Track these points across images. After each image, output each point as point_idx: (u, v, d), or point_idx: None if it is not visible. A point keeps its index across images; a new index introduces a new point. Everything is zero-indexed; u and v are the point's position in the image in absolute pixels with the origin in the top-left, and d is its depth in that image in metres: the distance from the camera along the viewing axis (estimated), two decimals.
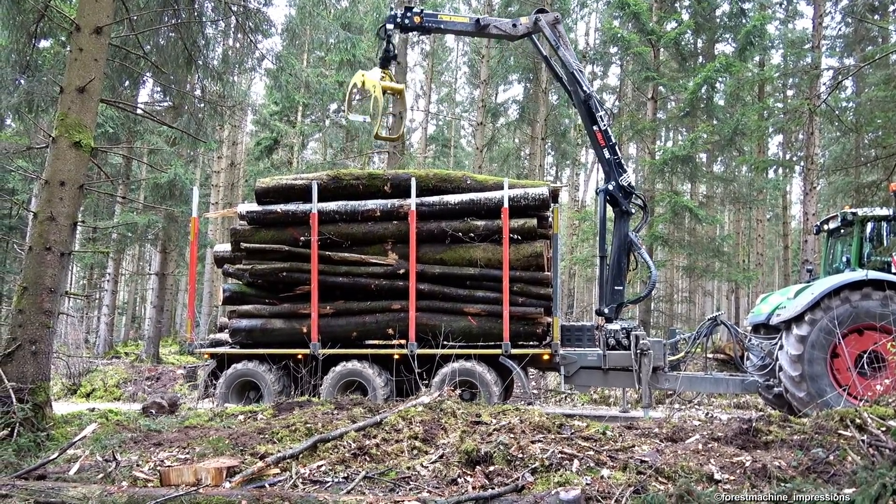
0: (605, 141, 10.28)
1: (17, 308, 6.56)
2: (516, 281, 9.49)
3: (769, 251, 36.76)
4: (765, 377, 9.37)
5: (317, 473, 4.69)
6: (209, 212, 22.13)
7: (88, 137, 6.94)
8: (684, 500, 3.84)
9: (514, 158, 30.10)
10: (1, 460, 4.88)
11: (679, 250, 22.62)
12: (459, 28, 10.61)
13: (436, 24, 10.48)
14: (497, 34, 10.56)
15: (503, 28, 10.35)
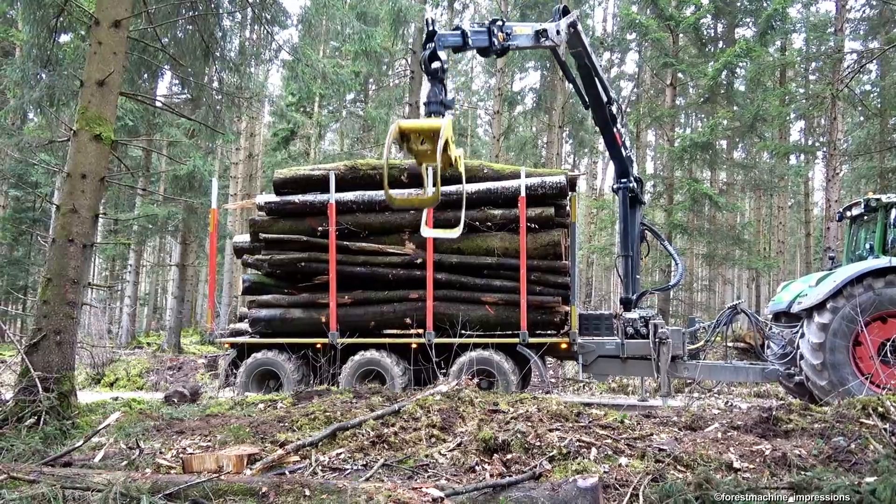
0: (621, 139, 10.29)
1: (41, 299, 6.66)
2: (534, 270, 9.47)
3: (790, 239, 36.31)
4: (785, 366, 9.28)
5: (336, 461, 4.74)
6: (228, 203, 22.32)
7: (109, 130, 7.02)
8: (703, 488, 3.83)
9: (532, 147, 29.93)
10: (28, 448, 4.98)
11: (699, 238, 22.42)
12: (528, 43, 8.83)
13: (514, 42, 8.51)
14: (548, 45, 8.96)
15: (554, 40, 8.83)
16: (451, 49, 7.87)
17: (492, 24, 8.01)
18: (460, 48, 7.75)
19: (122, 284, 29.43)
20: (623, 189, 10.58)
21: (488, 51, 8.15)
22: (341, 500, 3.16)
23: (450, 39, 7.46)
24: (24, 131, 19.32)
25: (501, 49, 8.19)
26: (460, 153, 5.90)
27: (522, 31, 8.49)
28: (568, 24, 8.97)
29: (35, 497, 2.42)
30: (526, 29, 8.57)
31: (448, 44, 7.42)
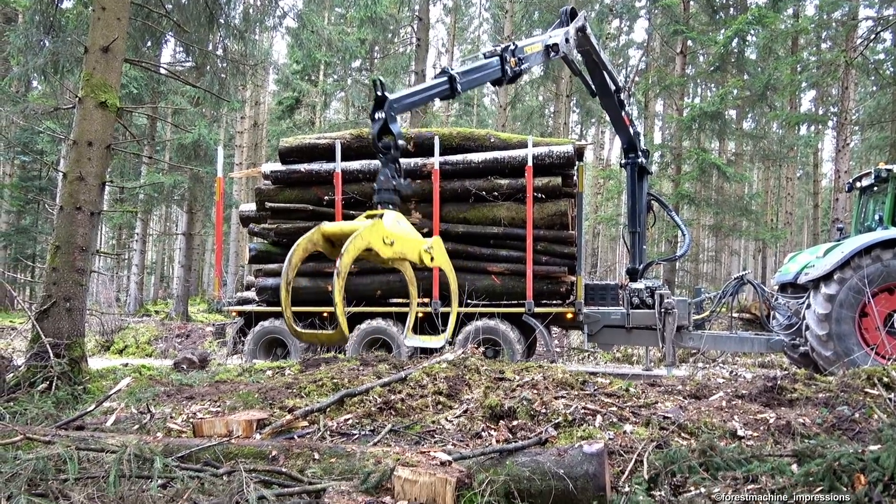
0: (629, 119, 10.25)
1: (50, 266, 6.71)
2: (540, 240, 9.46)
3: (798, 210, 36.08)
4: (791, 336, 9.31)
5: (344, 426, 4.80)
6: (234, 172, 22.28)
7: (114, 97, 6.98)
8: (707, 455, 3.86)
9: (538, 117, 29.68)
10: (41, 412, 5.06)
11: (706, 209, 22.30)
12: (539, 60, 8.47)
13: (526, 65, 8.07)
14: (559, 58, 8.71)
15: (564, 50, 8.55)
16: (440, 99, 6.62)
17: (504, 52, 7.21)
18: (448, 96, 6.46)
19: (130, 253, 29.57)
20: (631, 164, 10.60)
21: (501, 81, 7.38)
22: (350, 463, 3.20)
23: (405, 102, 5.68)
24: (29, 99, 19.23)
25: (513, 76, 7.41)
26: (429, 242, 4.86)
27: (532, 49, 7.89)
28: (576, 29, 8.74)
29: (51, 458, 2.47)
30: (536, 46, 8.00)
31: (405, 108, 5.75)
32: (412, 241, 4.69)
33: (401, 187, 5.07)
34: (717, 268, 32.24)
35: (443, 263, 5.06)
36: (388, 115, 5.16)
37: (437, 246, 4.85)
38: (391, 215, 4.64)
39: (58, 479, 2.44)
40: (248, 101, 27.24)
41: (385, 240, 4.34)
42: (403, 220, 4.81)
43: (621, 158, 11.15)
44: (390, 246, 4.39)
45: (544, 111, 30.94)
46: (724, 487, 3.52)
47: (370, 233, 4.22)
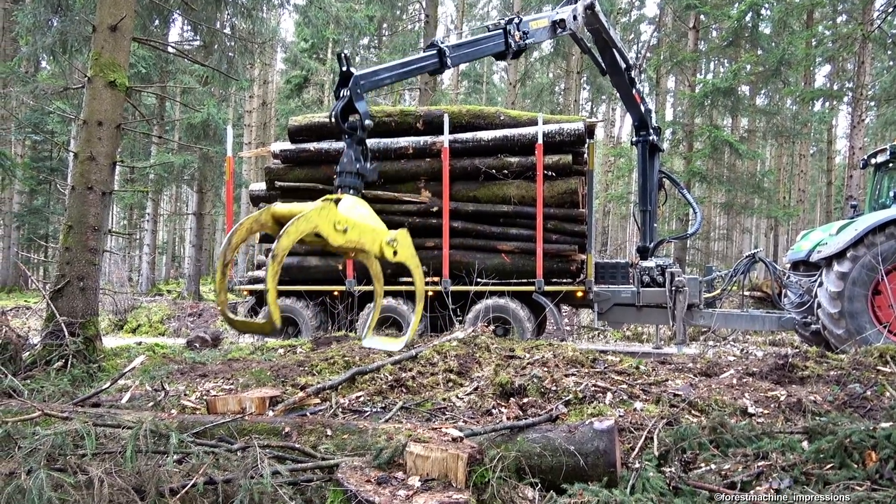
0: (640, 97, 10.11)
1: (63, 246, 6.76)
2: (550, 218, 9.43)
3: (811, 188, 35.73)
4: (802, 314, 9.27)
5: (355, 403, 4.85)
6: (243, 151, 22.27)
7: (123, 76, 6.97)
8: (717, 432, 3.87)
9: (549, 94, 29.43)
10: (57, 389, 5.13)
11: (718, 186, 22.12)
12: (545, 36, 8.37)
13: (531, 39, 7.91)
14: (566, 34, 8.65)
15: (572, 27, 8.46)
16: (428, 73, 6.34)
17: (508, 24, 7.04)
18: (437, 70, 6.25)
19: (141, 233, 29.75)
20: (642, 142, 10.50)
21: (504, 55, 7.20)
22: (362, 439, 3.23)
23: (375, 78, 5.28)
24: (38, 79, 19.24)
25: (518, 50, 7.27)
26: (394, 234, 4.38)
27: (539, 24, 7.69)
28: (585, 6, 8.52)
29: (69, 433, 2.51)
30: (542, 22, 7.81)
31: (374, 85, 5.36)
32: (372, 230, 4.24)
33: (365, 171, 4.65)
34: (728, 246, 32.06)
35: (408, 259, 4.54)
36: (354, 91, 4.83)
37: (402, 239, 4.40)
38: (349, 200, 4.27)
39: (76, 454, 2.49)
40: (256, 80, 27.17)
41: (337, 225, 3.92)
42: (365, 206, 4.37)
43: (632, 136, 11.03)
44: (343, 233, 3.96)
45: (554, 88, 30.65)
46: (735, 464, 3.53)
47: (318, 215, 3.80)
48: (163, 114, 22.43)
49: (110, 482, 2.26)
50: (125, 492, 2.29)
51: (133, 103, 8.73)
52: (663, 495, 3.20)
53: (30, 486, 2.04)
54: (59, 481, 2.18)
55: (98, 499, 2.20)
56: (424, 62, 6.03)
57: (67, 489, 2.19)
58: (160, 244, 35.64)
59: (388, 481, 2.61)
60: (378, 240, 4.25)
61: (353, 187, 4.55)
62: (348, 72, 4.81)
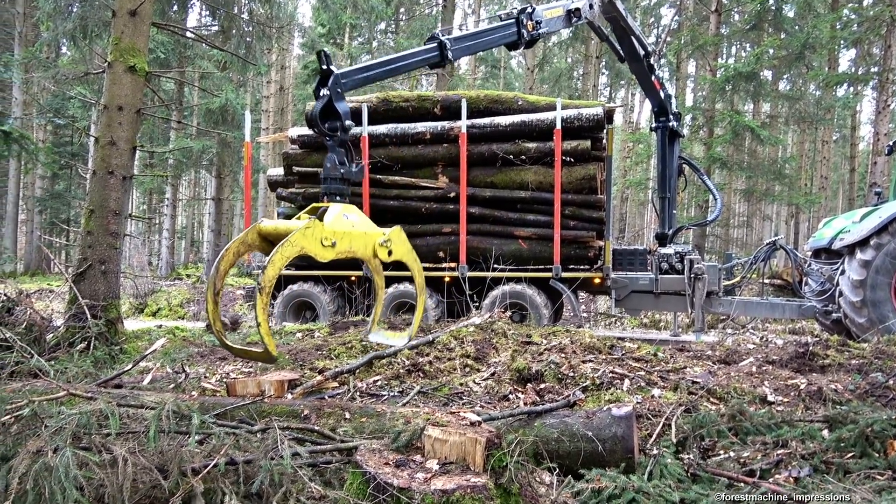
0: (660, 84, 9.96)
1: (85, 230, 6.85)
2: (568, 204, 9.37)
3: (833, 174, 35.16)
4: (823, 303, 9.16)
5: (373, 387, 4.88)
6: (261, 137, 22.35)
7: (143, 61, 7.01)
8: (736, 419, 3.85)
9: (567, 79, 29.14)
10: (80, 370, 5.22)
11: (738, 172, 21.85)
12: (560, 26, 8.29)
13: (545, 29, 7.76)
14: (582, 24, 8.62)
15: (588, 16, 8.41)
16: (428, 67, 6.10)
17: (520, 14, 6.91)
18: (437, 64, 6.04)
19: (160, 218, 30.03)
20: (661, 128, 10.38)
21: (516, 45, 7.09)
22: (380, 423, 3.26)
23: (360, 76, 4.96)
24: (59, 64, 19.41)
25: (530, 40, 7.17)
26: (387, 234, 4.32)
27: (553, 14, 7.51)
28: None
29: (93, 413, 2.55)
30: (557, 11, 7.64)
31: (357, 84, 5.05)
32: (362, 236, 4.19)
33: (349, 175, 4.49)
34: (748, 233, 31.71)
35: (404, 256, 4.51)
36: (334, 91, 4.59)
37: (396, 238, 4.36)
38: (335, 209, 4.16)
39: (100, 433, 2.53)
40: (273, 66, 27.18)
41: (324, 241, 3.87)
42: (354, 211, 4.29)
43: (651, 122, 10.91)
44: (331, 247, 3.92)
45: (573, 73, 30.34)
46: (754, 452, 3.51)
47: (303, 238, 3.75)
48: (181, 99, 22.54)
49: (134, 461, 2.30)
50: (148, 471, 2.33)
51: (152, 88, 8.78)
52: (681, 482, 3.19)
53: (56, 463, 2.08)
54: (84, 459, 2.22)
55: (122, 477, 2.24)
56: (422, 56, 5.83)
57: (92, 467, 2.23)
58: (179, 229, 35.98)
59: (406, 464, 2.63)
60: (370, 244, 4.22)
61: (339, 193, 4.43)
62: (328, 70, 4.60)
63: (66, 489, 2.04)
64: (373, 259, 4.31)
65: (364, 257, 4.24)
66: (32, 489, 2.03)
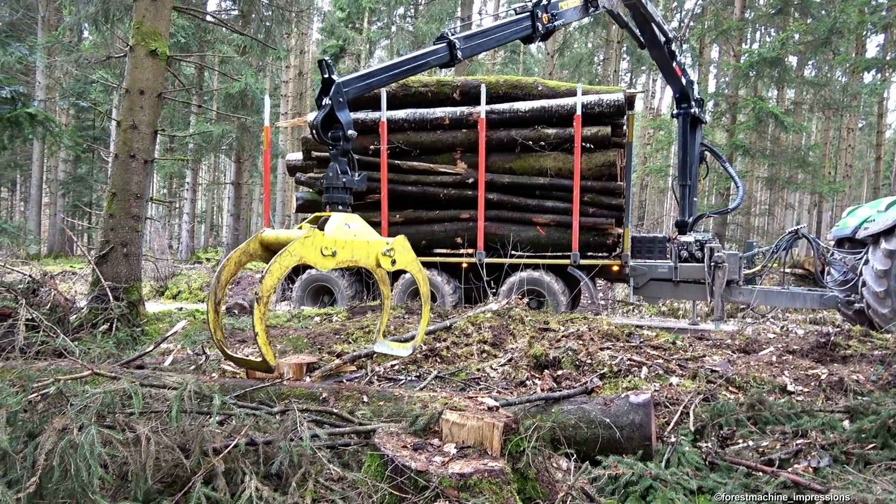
0: (681, 70, 9.80)
1: (108, 213, 6.93)
2: (587, 191, 9.31)
3: (858, 163, 34.54)
4: (846, 292, 9.04)
5: (390, 372, 4.91)
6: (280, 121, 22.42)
7: (164, 45, 7.05)
8: (755, 409, 3.83)
9: (587, 64, 28.80)
10: (103, 351, 5.31)
11: (761, 160, 21.53)
12: (576, 17, 8.10)
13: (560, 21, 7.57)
14: (600, 13, 8.46)
15: (605, 5, 8.24)
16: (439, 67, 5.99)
17: (535, 7, 6.78)
18: (447, 64, 5.94)
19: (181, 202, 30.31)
20: (683, 114, 10.24)
21: (531, 39, 6.96)
22: (398, 406, 3.28)
23: (362, 83, 4.95)
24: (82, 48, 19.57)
25: (546, 33, 7.01)
26: (390, 243, 4.23)
27: (569, 4, 7.35)
28: None
29: (117, 392, 2.59)
30: (573, 1, 7.46)
31: (361, 91, 5.01)
32: (365, 245, 4.13)
33: (351, 184, 4.42)
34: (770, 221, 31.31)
35: (408, 265, 4.38)
36: (336, 100, 4.54)
37: (399, 246, 4.27)
38: (337, 219, 4.10)
39: (124, 412, 2.57)
40: (292, 50, 27.18)
41: (324, 251, 3.83)
42: (356, 220, 4.23)
43: (673, 108, 10.77)
44: (332, 257, 3.88)
45: (593, 58, 29.98)
46: (773, 441, 3.49)
47: (301, 248, 3.73)
48: (202, 83, 22.65)
49: (157, 440, 2.34)
50: (171, 449, 2.37)
51: (173, 72, 8.82)
52: (699, 470, 3.18)
53: (81, 441, 2.12)
54: (108, 438, 2.26)
55: (145, 455, 2.28)
56: (431, 57, 5.75)
57: (116, 445, 2.27)
58: (199, 213, 36.30)
59: (423, 447, 2.64)
60: (373, 253, 4.16)
61: (341, 203, 4.38)
62: (329, 79, 4.56)
63: (90, 466, 2.08)
64: (376, 269, 4.27)
65: (367, 267, 4.20)
66: (59, 465, 2.08)
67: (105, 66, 16.98)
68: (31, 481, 2.05)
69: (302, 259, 3.74)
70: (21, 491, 2.01)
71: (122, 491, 2.28)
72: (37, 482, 2.06)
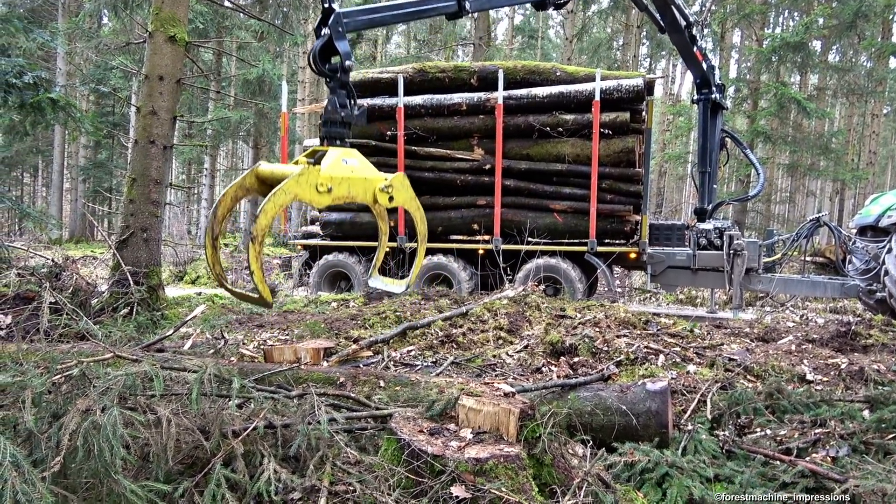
0: (703, 56, 9.63)
1: (128, 198, 7.01)
2: (605, 177, 9.24)
3: (883, 150, 33.88)
4: (867, 281, 8.91)
5: (406, 357, 4.93)
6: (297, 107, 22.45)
7: (182, 31, 7.07)
8: (773, 397, 3.80)
9: (606, 49, 28.48)
10: (124, 334, 5.38)
11: (782, 146, 21.21)
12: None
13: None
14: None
15: None
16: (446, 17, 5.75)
17: None
18: (454, 14, 5.68)
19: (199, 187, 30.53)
20: (703, 100, 10.06)
21: (543, 5, 6.71)
22: (414, 391, 3.30)
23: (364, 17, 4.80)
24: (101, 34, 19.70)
25: (557, 2, 6.72)
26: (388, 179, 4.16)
27: None
28: None
29: (138, 375, 2.63)
30: None
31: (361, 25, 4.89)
32: (362, 181, 4.03)
33: (350, 118, 4.26)
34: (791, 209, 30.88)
35: (406, 202, 4.32)
36: (335, 30, 4.36)
37: (398, 183, 4.19)
38: (334, 154, 3.99)
39: (145, 394, 2.61)
40: (310, 36, 27.13)
41: (319, 187, 3.73)
42: (354, 155, 4.12)
43: (693, 94, 10.62)
44: (327, 192, 3.78)
45: (612, 43, 29.64)
46: (791, 430, 3.47)
47: (296, 185, 3.64)
48: (220, 69, 22.73)
49: (177, 422, 2.38)
50: (191, 431, 2.41)
51: (192, 58, 8.87)
52: (716, 458, 3.17)
53: (104, 422, 2.16)
54: (130, 419, 2.30)
55: (166, 437, 2.31)
56: (438, 3, 5.52)
57: (138, 427, 2.31)
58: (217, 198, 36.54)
59: (440, 432, 2.66)
60: (371, 188, 4.08)
61: (339, 137, 4.24)
62: (329, 7, 4.41)
63: (113, 446, 2.12)
64: (374, 205, 4.19)
65: (364, 202, 4.12)
66: (82, 446, 2.12)
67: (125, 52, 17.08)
68: (56, 461, 2.10)
69: (297, 196, 3.68)
70: (46, 470, 2.06)
71: (143, 471, 2.32)
72: (61, 462, 2.10)
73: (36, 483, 1.95)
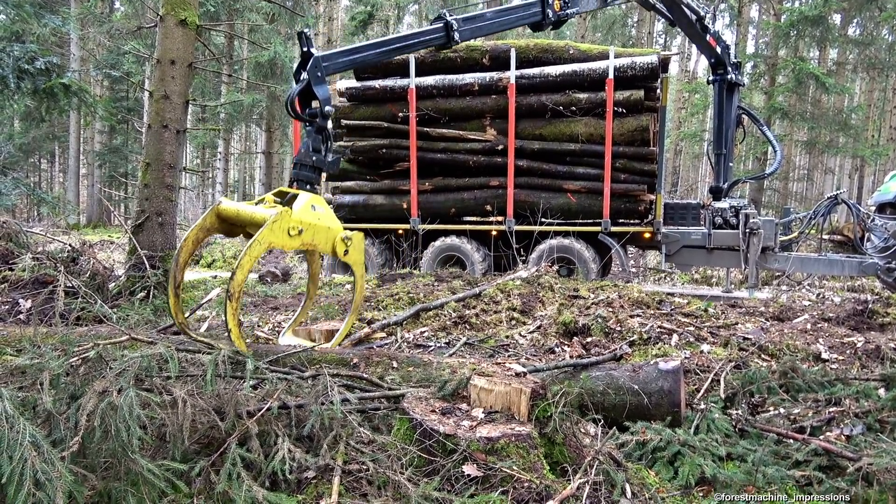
0: (716, 41, 9.46)
1: (142, 183, 7.06)
2: (619, 157, 9.16)
3: None
4: (886, 259, 8.81)
5: (420, 339, 4.96)
6: None
7: (193, 15, 7.07)
8: (788, 376, 3.78)
9: (620, 26, 28.06)
10: (141, 317, 5.46)
11: (800, 123, 20.86)
12: (593, 6, 7.96)
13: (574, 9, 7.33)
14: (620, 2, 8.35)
15: None
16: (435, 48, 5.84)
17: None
18: (443, 46, 5.77)
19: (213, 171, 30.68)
20: (719, 81, 9.93)
21: (540, 26, 6.68)
22: (427, 372, 3.32)
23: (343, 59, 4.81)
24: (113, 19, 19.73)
25: (557, 21, 6.71)
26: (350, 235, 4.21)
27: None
28: None
29: (154, 356, 2.67)
30: None
31: (341, 68, 4.92)
32: (325, 229, 4.08)
33: (321, 164, 4.31)
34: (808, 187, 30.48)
35: (355, 263, 4.38)
36: (313, 75, 4.38)
37: (356, 242, 4.28)
38: (304, 198, 4.02)
39: (160, 376, 2.65)
40: (321, 18, 27.01)
41: (291, 230, 3.79)
42: (321, 203, 4.15)
43: (709, 74, 10.46)
44: (298, 235, 3.84)
45: (627, 20, 29.20)
46: (805, 409, 3.45)
47: (271, 234, 3.67)
48: (231, 53, 22.71)
49: (192, 403, 2.41)
50: (206, 412, 2.44)
51: (203, 42, 8.86)
52: (728, 437, 3.17)
53: (121, 403, 2.20)
54: (146, 400, 2.34)
55: (182, 417, 2.35)
56: (425, 37, 5.59)
57: (154, 408, 2.35)
58: (231, 182, 36.72)
59: (452, 412, 2.68)
60: (331, 238, 4.15)
61: (309, 182, 4.29)
62: (308, 52, 4.42)
63: (130, 427, 2.16)
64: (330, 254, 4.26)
65: (323, 251, 4.19)
66: (100, 426, 2.16)
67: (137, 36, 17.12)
68: (75, 441, 2.14)
69: (271, 245, 3.72)
70: (65, 450, 2.10)
71: (160, 451, 2.37)
72: (80, 442, 2.15)
73: (55, 462, 1.99)
